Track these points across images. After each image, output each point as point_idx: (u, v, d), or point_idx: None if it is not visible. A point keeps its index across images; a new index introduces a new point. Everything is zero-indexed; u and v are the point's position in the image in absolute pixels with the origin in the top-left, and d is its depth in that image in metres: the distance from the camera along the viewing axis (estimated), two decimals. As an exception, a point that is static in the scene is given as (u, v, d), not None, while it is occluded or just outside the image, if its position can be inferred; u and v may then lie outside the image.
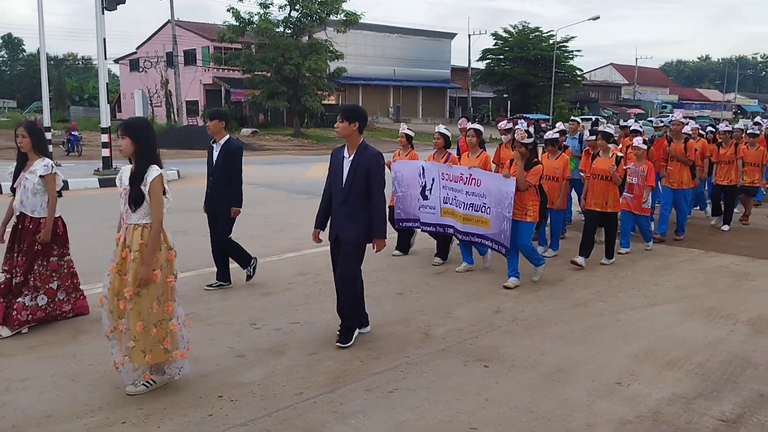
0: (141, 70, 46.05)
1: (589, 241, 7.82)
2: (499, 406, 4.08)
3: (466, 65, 56.41)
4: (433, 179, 7.43)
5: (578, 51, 72.06)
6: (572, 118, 12.11)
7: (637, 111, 62.15)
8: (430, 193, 7.48)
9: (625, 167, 8.01)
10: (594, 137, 8.43)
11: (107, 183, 15.59)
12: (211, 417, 3.89)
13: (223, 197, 6.45)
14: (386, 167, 6.94)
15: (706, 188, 11.81)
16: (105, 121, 17.33)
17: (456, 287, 6.80)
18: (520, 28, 54.22)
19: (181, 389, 4.24)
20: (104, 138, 17.34)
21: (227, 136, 6.59)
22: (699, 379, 4.54)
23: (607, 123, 10.62)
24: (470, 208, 7.06)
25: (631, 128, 10.02)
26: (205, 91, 44.98)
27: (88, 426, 3.76)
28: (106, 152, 17.17)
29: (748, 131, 11.07)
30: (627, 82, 79.27)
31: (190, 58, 44.23)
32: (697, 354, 5.01)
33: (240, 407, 4.01)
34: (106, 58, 17.45)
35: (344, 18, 37.16)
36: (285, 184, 16.74)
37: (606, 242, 8.09)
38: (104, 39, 16.84)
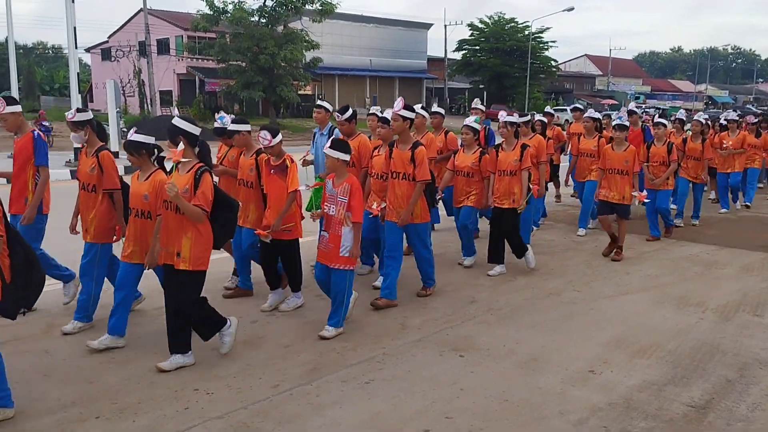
0: (113, 59, 45.17)
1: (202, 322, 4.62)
2: (474, 395, 4.13)
3: (443, 56, 56.40)
4: None
5: (553, 42, 72.70)
6: (546, 109, 11.36)
7: (611, 101, 62.81)
8: None
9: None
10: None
11: (79, 175, 15.33)
12: (187, 410, 3.87)
13: None
14: None
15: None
16: (76, 112, 17.02)
17: (432, 278, 6.83)
18: (496, 18, 54.30)
19: (156, 383, 4.22)
20: (75, 129, 17.02)
21: None
22: (669, 366, 4.64)
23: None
24: None
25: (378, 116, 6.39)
26: (179, 81, 44.35)
27: (60, 421, 3.73)
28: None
29: (614, 123, 7.97)
30: (601, 73, 79.97)
31: (163, 47, 43.52)
32: (667, 341, 5.11)
33: (216, 400, 4.00)
34: (76, 47, 17.10)
35: (320, 7, 36.85)
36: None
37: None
38: (74, 28, 16.52)
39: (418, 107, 8.11)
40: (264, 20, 36.67)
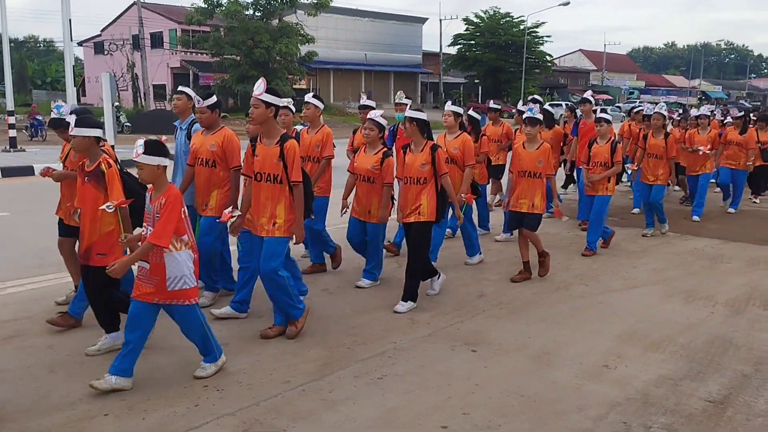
0: (106, 53, 44.83)
1: None
2: (489, 389, 4.07)
3: (438, 50, 56.30)
4: None
5: (548, 37, 72.41)
6: (491, 104, 9.67)
7: (606, 97, 62.88)
8: None
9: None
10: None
11: (75, 169, 15.21)
12: (198, 407, 3.79)
13: None
14: None
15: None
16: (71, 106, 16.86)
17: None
18: (491, 13, 54.24)
19: (165, 379, 4.13)
20: (71, 122, 16.85)
21: None
22: (684, 360, 4.59)
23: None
24: None
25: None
26: (172, 75, 44.07)
27: (69, 419, 3.64)
28: (72, 137, 16.70)
29: (525, 115, 6.55)
30: (595, 68, 80.00)
31: (156, 41, 43.26)
32: (679, 335, 5.06)
33: (227, 396, 3.92)
34: (72, 41, 16.92)
35: (315, 1, 36.74)
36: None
37: None
38: (70, 20, 16.33)
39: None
40: (259, 13, 36.51)
